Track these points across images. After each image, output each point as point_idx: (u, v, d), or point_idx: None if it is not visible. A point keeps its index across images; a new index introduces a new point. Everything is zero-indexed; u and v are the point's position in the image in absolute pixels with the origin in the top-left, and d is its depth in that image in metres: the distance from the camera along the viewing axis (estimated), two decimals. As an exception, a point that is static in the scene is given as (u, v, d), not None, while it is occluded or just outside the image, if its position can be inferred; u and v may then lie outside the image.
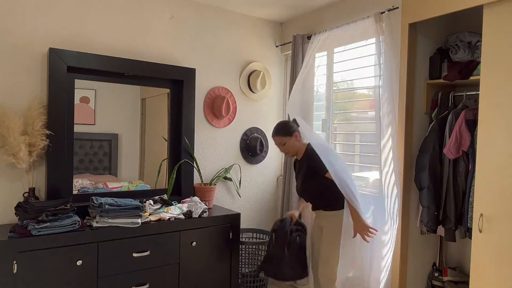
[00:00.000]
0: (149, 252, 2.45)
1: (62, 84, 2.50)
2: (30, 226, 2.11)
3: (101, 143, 2.77)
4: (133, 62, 2.77)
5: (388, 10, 2.55)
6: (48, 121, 2.46)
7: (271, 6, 3.22)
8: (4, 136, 2.30)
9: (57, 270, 2.16)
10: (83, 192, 2.69)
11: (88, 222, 2.36)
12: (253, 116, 3.52)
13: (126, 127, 2.88)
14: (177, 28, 3.06)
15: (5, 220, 2.41)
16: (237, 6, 3.23)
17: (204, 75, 3.22)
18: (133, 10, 2.86)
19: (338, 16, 3.01)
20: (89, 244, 2.25)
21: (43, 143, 2.40)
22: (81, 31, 2.65)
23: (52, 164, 2.47)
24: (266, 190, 3.62)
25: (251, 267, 3.30)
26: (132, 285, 2.41)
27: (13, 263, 2.03)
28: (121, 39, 2.81)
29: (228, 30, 3.33)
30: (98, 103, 2.74)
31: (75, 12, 2.63)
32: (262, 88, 3.48)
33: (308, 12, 3.32)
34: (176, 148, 3.06)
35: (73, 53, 2.53)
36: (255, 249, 3.29)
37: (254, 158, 3.51)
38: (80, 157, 2.69)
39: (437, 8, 2.20)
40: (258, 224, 3.56)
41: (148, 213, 2.56)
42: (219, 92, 3.29)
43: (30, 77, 2.48)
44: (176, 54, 3.06)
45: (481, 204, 1.94)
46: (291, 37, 3.32)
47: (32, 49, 2.48)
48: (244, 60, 3.44)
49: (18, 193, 2.44)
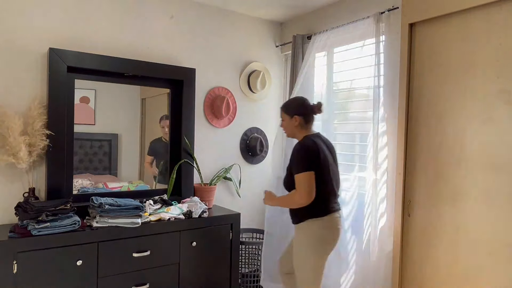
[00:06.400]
0: (149, 252, 2.45)
1: (62, 84, 2.50)
2: (30, 226, 2.11)
3: (101, 143, 2.77)
4: (133, 62, 2.77)
5: (388, 10, 2.55)
6: (48, 121, 2.46)
7: (271, 6, 3.22)
8: (4, 136, 2.30)
9: (57, 270, 2.16)
10: (83, 192, 2.69)
11: (88, 222, 2.36)
12: (253, 116, 3.52)
13: (126, 127, 2.87)
14: (177, 28, 3.06)
15: (5, 220, 2.41)
16: (237, 6, 3.23)
17: (204, 75, 3.22)
18: (133, 10, 2.86)
19: (338, 16, 3.01)
20: (89, 244, 2.25)
21: (43, 143, 2.40)
22: (81, 31, 2.65)
23: (52, 164, 2.47)
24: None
25: (251, 267, 3.30)
26: (132, 285, 2.41)
27: (13, 263, 2.02)
28: (121, 39, 2.81)
29: (228, 30, 3.33)
30: (98, 103, 2.74)
31: (75, 12, 2.63)
32: (262, 88, 3.48)
33: (308, 12, 3.32)
34: (176, 148, 3.06)
35: (73, 53, 2.53)
36: (255, 249, 3.30)
37: (254, 158, 3.51)
38: (80, 157, 2.69)
39: (437, 8, 2.20)
40: (258, 224, 3.55)
41: (148, 213, 2.56)
42: (219, 92, 3.29)
43: (30, 77, 2.48)
44: (176, 54, 3.06)
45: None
46: (291, 37, 3.32)
47: (32, 49, 2.48)
48: (244, 60, 3.44)
49: (18, 193, 2.44)
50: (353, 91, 2.84)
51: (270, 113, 3.63)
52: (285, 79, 3.69)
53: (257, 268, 3.32)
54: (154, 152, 3.01)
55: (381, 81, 2.59)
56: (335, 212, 2.20)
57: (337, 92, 3.03)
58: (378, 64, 2.58)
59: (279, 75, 3.67)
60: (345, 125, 2.95)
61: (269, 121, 3.62)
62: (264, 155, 3.57)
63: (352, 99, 2.86)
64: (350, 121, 2.90)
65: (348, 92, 2.88)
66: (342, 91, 3.00)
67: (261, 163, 3.57)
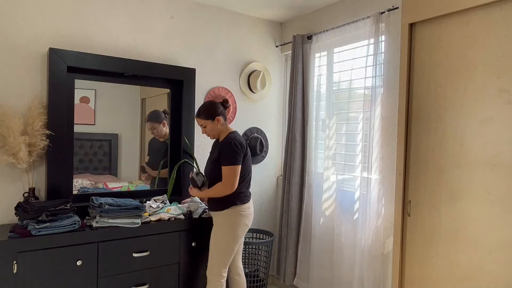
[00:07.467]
0: (149, 252, 2.45)
1: (62, 84, 2.50)
2: (30, 226, 2.11)
3: (101, 143, 2.77)
4: (133, 62, 2.77)
5: (388, 10, 2.55)
6: (48, 121, 2.46)
7: (271, 6, 3.22)
8: (4, 136, 2.30)
9: (57, 270, 2.16)
10: (83, 192, 2.69)
11: (88, 222, 2.36)
12: (253, 116, 3.52)
13: (126, 127, 2.87)
14: (177, 28, 3.06)
15: (5, 220, 2.41)
16: (237, 6, 3.23)
17: (204, 75, 3.22)
18: (133, 10, 2.86)
19: (338, 16, 3.01)
20: (89, 244, 2.25)
21: (43, 143, 2.40)
22: (81, 31, 2.65)
23: (52, 164, 2.47)
24: (266, 190, 3.62)
25: (251, 267, 3.30)
26: (132, 285, 2.41)
27: (13, 263, 2.03)
28: (121, 39, 2.81)
29: (228, 30, 3.33)
30: (98, 103, 2.74)
31: (75, 12, 2.63)
32: (262, 88, 3.48)
33: (308, 12, 3.32)
34: (176, 148, 3.06)
35: (73, 53, 2.53)
36: (255, 249, 3.30)
37: (254, 158, 3.51)
38: (80, 157, 2.69)
39: (437, 8, 2.20)
40: (258, 224, 3.56)
41: (148, 213, 2.56)
42: (219, 92, 3.28)
43: (30, 77, 2.48)
44: (176, 54, 3.06)
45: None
46: (291, 37, 3.32)
47: (32, 49, 2.48)
48: (244, 60, 3.44)
49: (18, 193, 2.44)
50: (353, 91, 2.84)
51: (270, 113, 3.63)
52: (285, 79, 3.69)
53: (257, 268, 3.32)
54: (149, 152, 3.02)
55: (380, 81, 2.59)
56: (250, 199, 2.53)
57: (337, 92, 3.03)
58: (377, 64, 2.58)
59: (279, 75, 3.67)
60: (345, 125, 2.95)
61: (269, 121, 3.62)
62: (264, 155, 3.57)
63: (352, 99, 2.86)
64: (350, 121, 2.90)
65: (348, 92, 2.88)
66: (342, 91, 3.00)
67: (261, 163, 3.57)
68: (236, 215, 2.44)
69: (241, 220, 2.45)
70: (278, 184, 3.67)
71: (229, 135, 2.49)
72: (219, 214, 2.46)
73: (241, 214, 2.44)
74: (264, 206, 3.61)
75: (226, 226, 2.44)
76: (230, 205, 2.42)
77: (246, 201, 2.48)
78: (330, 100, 3.03)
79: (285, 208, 3.26)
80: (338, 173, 2.94)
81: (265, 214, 3.61)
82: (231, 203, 2.42)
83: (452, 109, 2.18)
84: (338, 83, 3.03)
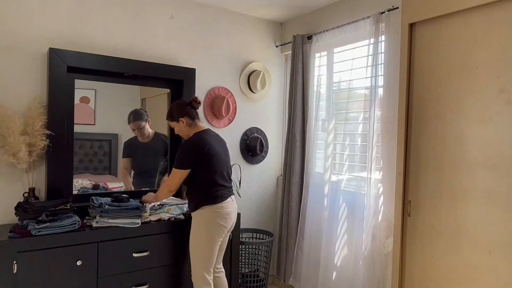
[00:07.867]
0: (149, 252, 2.45)
1: (62, 84, 2.50)
2: (30, 226, 2.11)
3: (101, 143, 2.77)
4: (133, 62, 2.77)
5: (388, 10, 2.55)
6: (48, 121, 2.46)
7: (271, 6, 3.22)
8: (4, 136, 2.30)
9: (57, 270, 2.16)
10: (83, 192, 2.69)
11: (88, 222, 2.36)
12: (253, 116, 3.52)
13: (126, 127, 2.87)
14: (177, 28, 3.06)
15: (5, 220, 2.41)
16: (237, 6, 3.23)
17: (204, 75, 3.22)
18: (133, 10, 2.86)
19: (338, 16, 3.01)
20: (89, 244, 2.25)
21: (43, 143, 2.40)
22: (81, 31, 2.65)
23: (52, 164, 2.47)
24: (266, 190, 3.62)
25: (251, 267, 3.30)
26: (132, 285, 2.41)
27: (13, 263, 2.03)
28: (121, 39, 2.81)
29: (228, 30, 3.33)
30: (98, 103, 2.74)
31: (75, 12, 2.63)
32: (262, 88, 3.48)
33: (308, 12, 3.32)
34: (176, 148, 3.05)
35: (73, 53, 2.53)
36: (255, 249, 3.30)
37: (254, 158, 3.51)
38: (80, 157, 2.69)
39: (437, 8, 2.20)
40: (258, 224, 3.56)
41: (148, 213, 2.56)
42: (219, 92, 3.29)
43: (30, 77, 2.48)
44: (176, 54, 3.06)
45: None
46: (291, 37, 3.32)
47: (32, 49, 2.48)
48: (244, 60, 3.44)
49: (18, 193, 2.44)
50: (353, 91, 2.84)
51: (270, 113, 3.63)
52: (285, 79, 3.69)
53: (257, 268, 3.32)
54: (130, 154, 2.90)
55: (380, 81, 2.60)
56: (225, 198, 2.43)
57: (337, 92, 3.03)
58: (377, 64, 2.58)
59: (279, 75, 3.67)
60: (345, 125, 2.94)
61: (269, 121, 3.62)
62: (264, 155, 3.57)
63: (352, 99, 2.86)
64: (350, 121, 2.90)
65: (348, 92, 2.88)
66: (342, 91, 3.00)
67: (261, 163, 3.58)
68: (209, 215, 2.38)
69: (214, 220, 2.38)
70: (278, 184, 3.67)
71: (192, 136, 2.47)
72: (193, 214, 2.44)
73: (214, 213, 2.38)
74: (264, 206, 3.61)
75: (200, 226, 2.40)
76: (200, 205, 2.39)
77: (219, 201, 2.40)
78: (330, 100, 3.03)
79: (285, 208, 3.26)
80: (338, 173, 2.94)
81: (265, 214, 3.61)
82: (201, 203, 2.39)
83: (452, 109, 2.18)
84: (338, 83, 3.04)
